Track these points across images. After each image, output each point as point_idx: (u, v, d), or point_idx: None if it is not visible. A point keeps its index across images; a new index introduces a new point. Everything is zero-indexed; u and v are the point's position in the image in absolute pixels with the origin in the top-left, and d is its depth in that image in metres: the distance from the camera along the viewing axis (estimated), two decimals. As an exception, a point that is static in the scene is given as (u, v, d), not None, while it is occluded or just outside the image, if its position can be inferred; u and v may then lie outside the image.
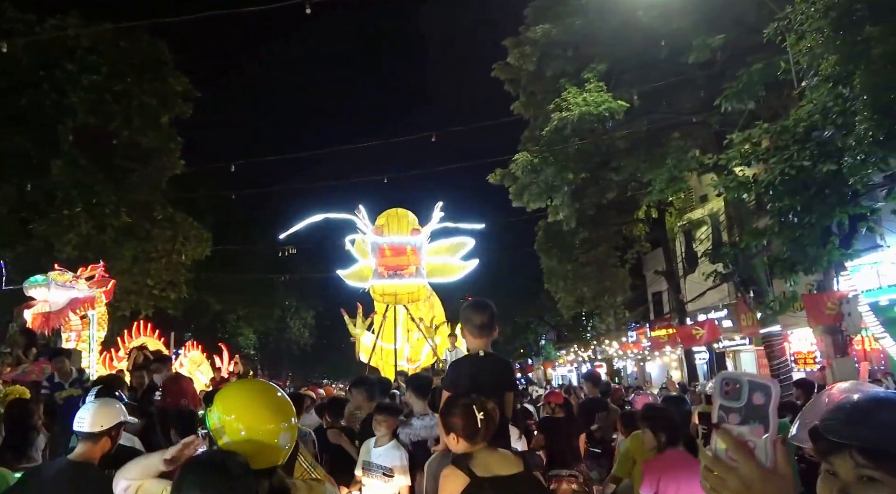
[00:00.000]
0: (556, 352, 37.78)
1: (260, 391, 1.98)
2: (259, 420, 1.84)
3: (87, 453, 2.99)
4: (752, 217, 14.16)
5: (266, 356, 43.31)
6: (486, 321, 3.47)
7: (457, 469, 2.52)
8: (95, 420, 3.01)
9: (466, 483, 2.47)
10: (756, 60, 11.12)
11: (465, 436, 2.69)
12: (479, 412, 2.71)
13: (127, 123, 16.77)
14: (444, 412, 2.80)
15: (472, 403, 2.76)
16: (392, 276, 14.16)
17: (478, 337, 3.48)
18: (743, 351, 20.91)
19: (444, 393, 3.54)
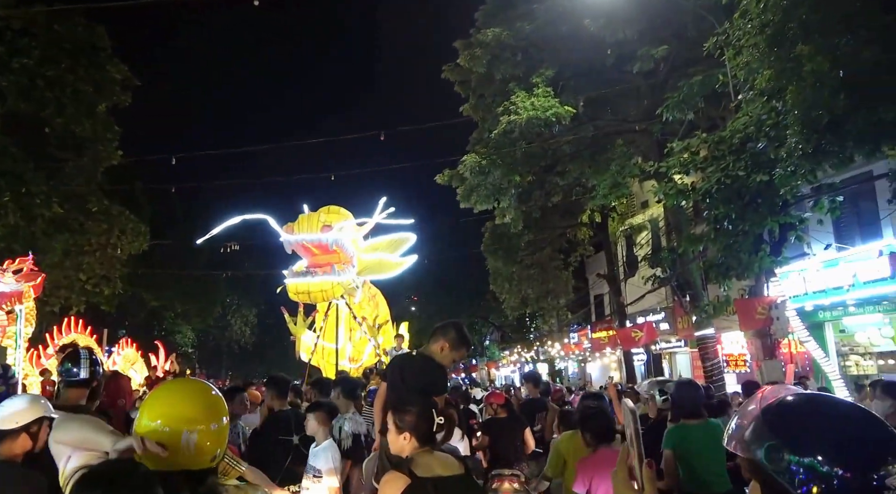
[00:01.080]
0: (499, 353, 38.14)
1: (189, 392, 1.90)
2: (186, 421, 1.77)
3: (5, 450, 2.85)
4: (690, 223, 14.64)
5: (205, 354, 42.23)
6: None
7: (397, 473, 2.50)
8: (12, 415, 2.88)
9: (407, 483, 2.44)
10: (696, 72, 11.54)
11: (419, 438, 2.63)
12: (438, 416, 2.67)
13: (60, 110, 16.01)
14: (398, 410, 2.71)
15: (432, 405, 2.72)
16: (305, 274, 13.85)
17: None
18: (678, 353, 21.59)
19: (382, 385, 3.56)
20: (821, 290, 12.16)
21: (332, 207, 14.47)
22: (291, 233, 13.69)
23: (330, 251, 13.77)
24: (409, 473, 2.47)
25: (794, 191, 8.99)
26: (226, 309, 39.79)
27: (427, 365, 3.53)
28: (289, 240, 13.68)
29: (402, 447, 2.65)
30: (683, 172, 10.51)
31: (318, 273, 13.73)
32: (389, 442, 2.75)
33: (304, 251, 13.92)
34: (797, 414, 1.24)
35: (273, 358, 42.94)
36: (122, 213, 18.58)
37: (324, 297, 14.11)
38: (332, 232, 13.52)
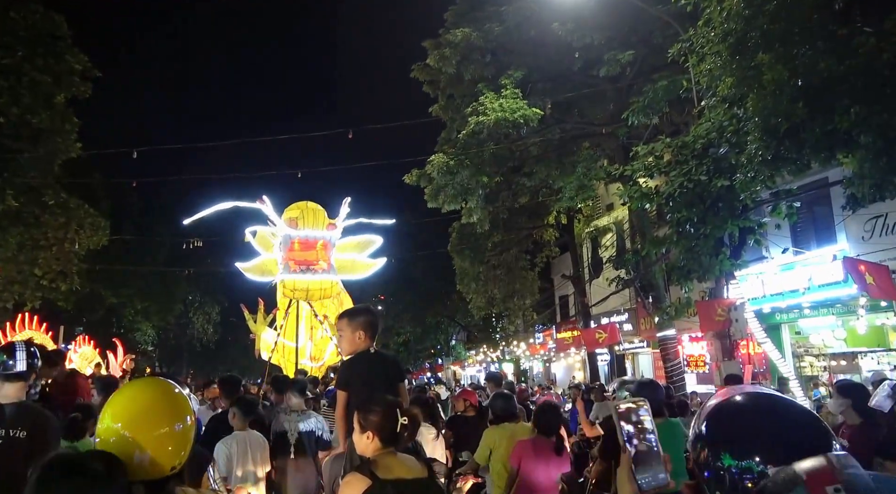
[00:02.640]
0: (466, 352, 38.25)
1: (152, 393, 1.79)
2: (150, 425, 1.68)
3: None
4: (654, 226, 14.88)
5: (165, 352, 41.37)
6: (379, 326, 3.85)
7: (358, 474, 2.48)
8: None
9: (367, 485, 2.42)
10: (661, 78, 11.75)
11: (383, 438, 2.61)
12: (402, 416, 2.65)
13: (16, 100, 15.48)
14: (363, 409, 2.69)
15: (397, 405, 2.70)
16: (304, 271, 13.79)
17: (371, 339, 3.74)
18: (641, 354, 21.93)
19: (340, 394, 3.56)
20: (778, 293, 12.50)
21: (311, 204, 14.44)
22: (295, 226, 13.67)
23: (311, 248, 13.77)
24: (370, 474, 2.45)
25: (753, 196, 9.22)
26: (187, 307, 39.03)
27: (367, 362, 3.63)
28: (290, 234, 13.63)
29: (366, 446, 2.64)
30: (648, 176, 10.68)
31: (318, 271, 13.74)
32: (355, 442, 2.74)
33: (288, 245, 13.89)
34: (726, 413, 1.29)
35: (235, 356, 42.31)
36: (80, 207, 18.08)
37: (320, 295, 14.19)
38: (335, 230, 13.61)
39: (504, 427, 5.17)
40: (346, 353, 3.80)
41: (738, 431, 1.24)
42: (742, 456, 1.19)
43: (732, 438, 1.23)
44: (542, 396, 10.33)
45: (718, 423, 1.28)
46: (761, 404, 1.28)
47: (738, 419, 1.27)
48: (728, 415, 1.28)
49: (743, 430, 1.23)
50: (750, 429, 1.22)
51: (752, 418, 1.25)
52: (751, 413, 1.26)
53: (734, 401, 1.31)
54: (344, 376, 3.65)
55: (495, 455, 5.00)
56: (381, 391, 3.00)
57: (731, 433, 1.24)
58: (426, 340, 39.34)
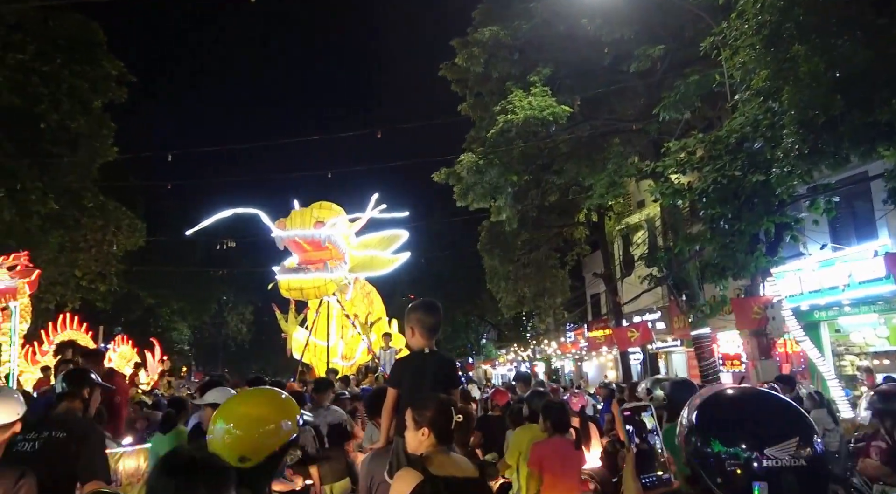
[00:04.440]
0: (496, 351, 38.16)
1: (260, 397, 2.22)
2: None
3: None
4: (686, 223, 14.64)
5: (201, 351, 42.15)
6: (437, 323, 3.57)
7: (411, 469, 2.49)
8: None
9: (419, 480, 2.43)
10: (693, 72, 11.54)
11: (437, 435, 2.61)
12: (456, 414, 2.66)
13: (55, 106, 15.94)
14: (418, 406, 2.71)
15: (451, 403, 2.72)
16: (297, 271, 13.75)
17: (427, 338, 3.55)
18: (674, 353, 21.61)
19: (390, 391, 3.54)
20: (816, 290, 12.19)
21: (325, 203, 14.40)
22: (284, 228, 13.61)
23: (322, 247, 13.69)
24: (422, 470, 2.46)
25: (790, 192, 9.00)
26: (222, 307, 39.72)
27: (421, 363, 3.52)
28: (280, 235, 13.60)
29: (420, 443, 2.64)
30: (680, 172, 10.52)
31: (311, 269, 13.63)
32: (407, 440, 2.73)
33: (296, 247, 13.85)
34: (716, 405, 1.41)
35: (269, 355, 42.90)
36: (117, 209, 18.55)
37: (316, 294, 14.00)
38: (324, 228, 13.43)
39: (531, 427, 5.14)
40: (409, 349, 3.76)
41: (725, 421, 1.35)
42: (729, 443, 1.29)
43: (721, 427, 1.33)
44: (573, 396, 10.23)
45: (708, 414, 1.38)
46: (746, 397, 1.41)
47: (726, 410, 1.38)
48: (717, 407, 1.40)
49: (730, 420, 1.34)
50: (736, 419, 1.34)
51: (739, 409, 1.37)
52: (737, 405, 1.39)
53: (723, 394, 1.44)
54: (395, 374, 3.63)
55: (524, 457, 4.94)
56: (431, 393, 2.94)
57: (720, 422, 1.35)
58: (456, 339, 39.38)
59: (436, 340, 3.62)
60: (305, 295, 14.03)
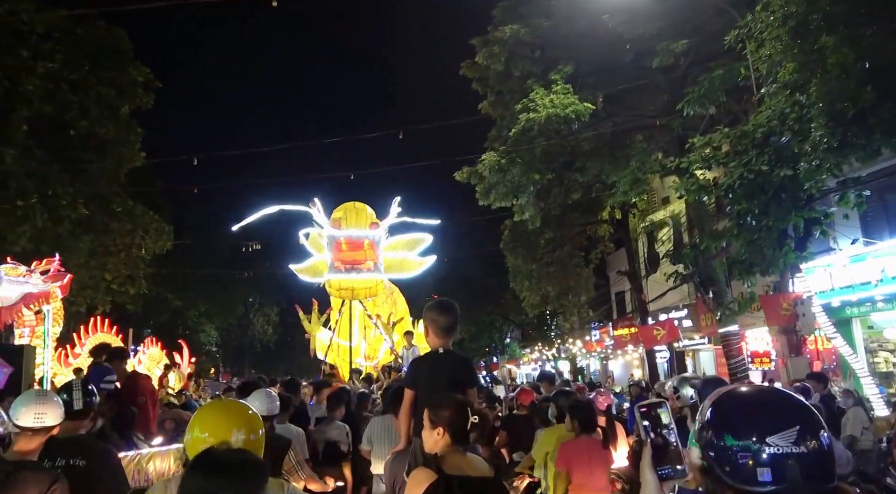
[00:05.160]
0: (520, 351, 38.03)
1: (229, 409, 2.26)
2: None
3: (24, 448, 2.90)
4: (712, 219, 14.45)
5: (228, 353, 42.68)
6: (451, 322, 3.56)
7: (425, 469, 2.50)
8: (39, 415, 2.92)
9: (433, 480, 2.44)
10: (717, 66, 11.38)
11: (453, 435, 2.62)
12: (472, 415, 2.66)
13: (84, 113, 16.25)
14: (434, 406, 2.72)
15: (468, 404, 2.73)
16: (349, 271, 13.93)
17: (441, 338, 3.55)
18: (702, 351, 21.35)
19: (407, 392, 3.55)
20: (848, 286, 11.92)
21: (359, 204, 14.58)
22: (339, 227, 13.84)
23: (358, 248, 13.90)
24: (436, 469, 2.47)
25: (819, 186, 8.83)
26: (248, 309, 40.17)
27: (436, 362, 3.53)
28: (334, 234, 13.82)
29: (436, 442, 2.65)
30: (705, 168, 10.39)
31: (363, 270, 13.91)
32: (423, 439, 2.75)
33: (335, 246, 14.06)
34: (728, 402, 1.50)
35: (295, 356, 43.29)
36: (145, 214, 18.86)
37: (367, 294, 14.32)
38: (378, 229, 13.71)
39: (558, 427, 5.12)
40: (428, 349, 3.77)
41: (736, 416, 1.43)
42: (739, 437, 1.38)
43: (732, 422, 1.42)
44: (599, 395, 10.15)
45: (721, 411, 1.48)
46: (757, 394, 1.52)
47: (738, 407, 1.47)
48: (729, 404, 1.49)
49: (740, 415, 1.43)
50: (746, 414, 1.43)
51: (749, 405, 1.46)
52: (748, 401, 1.48)
53: (735, 392, 1.54)
54: (411, 375, 3.65)
55: (551, 457, 4.92)
56: (447, 392, 2.95)
57: (732, 418, 1.44)
58: (480, 339, 39.33)
59: (460, 339, 3.63)
60: (356, 295, 14.32)
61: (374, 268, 13.91)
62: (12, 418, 2.94)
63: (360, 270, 13.92)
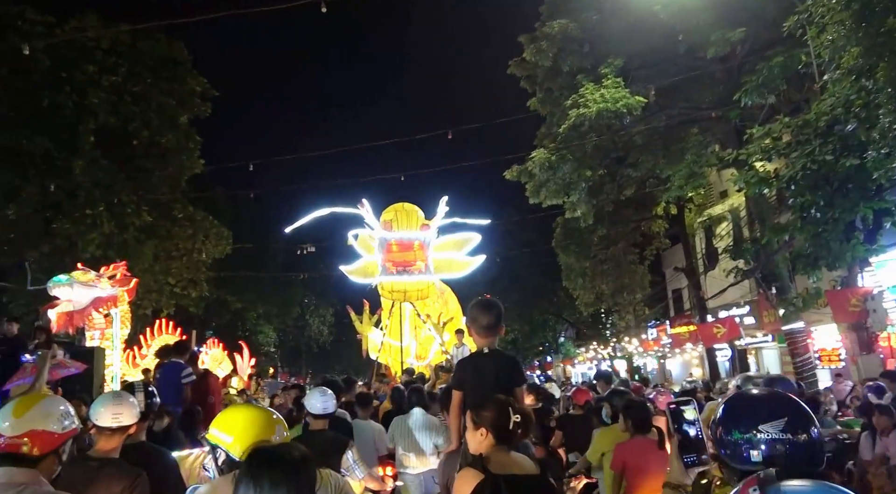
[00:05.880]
0: (575, 350, 37.59)
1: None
2: None
3: (106, 447, 3.01)
4: (774, 212, 13.98)
5: (285, 353, 43.60)
6: (491, 321, 3.51)
7: (471, 469, 2.51)
8: (116, 415, 3.03)
9: (479, 479, 2.44)
10: (776, 54, 10.96)
11: (496, 434, 2.63)
12: (514, 414, 2.67)
13: (146, 124, 16.92)
14: (477, 406, 2.75)
15: (509, 403, 2.73)
16: (401, 273, 14.04)
17: (483, 337, 3.53)
18: (765, 349, 20.66)
19: (454, 393, 3.55)
20: (922, 280, 11.33)
21: (408, 205, 14.69)
22: (390, 229, 14.00)
23: (409, 249, 14.00)
24: (482, 469, 2.47)
25: (888, 175, 8.40)
26: (304, 310, 40.95)
27: (480, 362, 3.51)
28: (385, 236, 13.99)
29: (480, 443, 2.66)
30: (765, 159, 10.05)
31: (414, 271, 14.04)
32: (468, 440, 2.77)
33: (386, 248, 14.20)
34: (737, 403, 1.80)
35: (350, 356, 43.90)
36: (205, 219, 19.49)
37: (418, 296, 14.42)
38: (429, 230, 13.80)
39: (613, 428, 5.03)
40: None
41: (740, 413, 1.71)
42: (742, 430, 1.65)
43: (737, 418, 1.69)
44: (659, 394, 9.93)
45: (729, 410, 1.75)
46: (761, 396, 1.79)
47: (741, 406, 1.76)
48: (736, 404, 1.77)
49: (743, 412, 1.71)
50: (747, 410, 1.70)
51: (752, 405, 1.73)
52: (751, 402, 1.76)
53: (741, 395, 1.83)
54: (457, 376, 3.65)
55: (607, 458, 4.85)
56: (493, 392, 2.95)
57: (736, 415, 1.71)
58: (534, 338, 39.04)
59: (513, 339, 3.61)
60: (408, 297, 14.46)
61: (424, 270, 13.98)
62: (92, 418, 3.06)
63: (412, 272, 14.01)
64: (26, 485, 2.08)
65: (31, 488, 2.08)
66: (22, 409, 2.20)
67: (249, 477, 1.75)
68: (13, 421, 2.16)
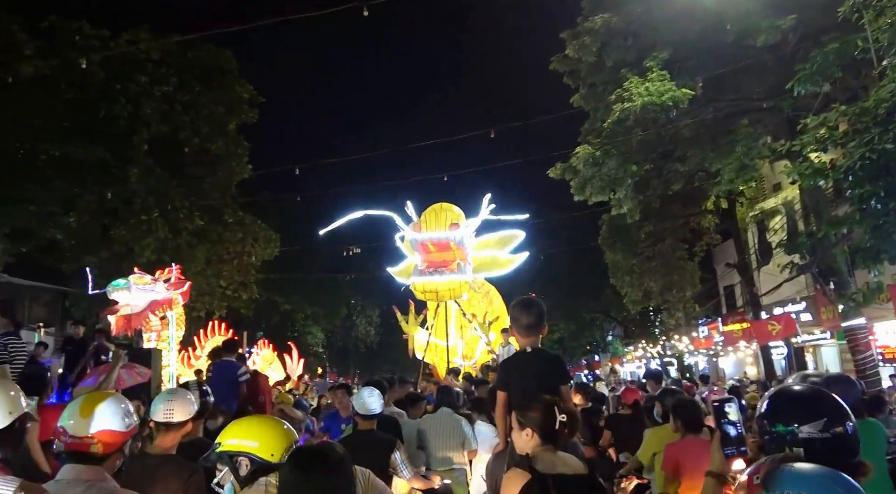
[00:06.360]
0: (623, 348, 37.01)
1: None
2: None
3: (163, 444, 3.12)
4: (830, 204, 13.49)
5: (333, 354, 44.21)
6: (532, 321, 3.48)
7: (518, 469, 2.50)
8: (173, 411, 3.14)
9: (527, 479, 2.43)
10: (830, 40, 10.54)
11: (542, 435, 2.63)
12: (560, 414, 2.66)
13: (196, 131, 17.42)
14: (522, 407, 2.75)
15: (554, 403, 2.73)
16: (432, 273, 14.01)
17: (525, 336, 3.51)
18: (824, 346, 19.96)
19: (499, 394, 3.53)
20: None
21: (445, 205, 14.66)
22: (418, 231, 14.01)
23: (447, 249, 13.94)
24: (529, 469, 2.46)
25: (954, 163, 8.01)
26: (351, 310, 41.46)
27: (523, 362, 3.48)
28: (416, 237, 14.01)
29: (526, 443, 2.65)
30: (820, 150, 9.69)
31: (446, 271, 13.98)
32: (514, 441, 2.76)
33: (422, 249, 14.19)
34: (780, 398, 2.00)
35: (397, 356, 44.26)
36: (254, 223, 19.95)
37: (451, 295, 14.35)
38: (459, 229, 13.73)
39: (664, 428, 4.94)
40: None
41: (783, 410, 1.91)
42: (785, 425, 1.85)
43: (780, 414, 1.89)
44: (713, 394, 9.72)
45: (773, 406, 1.96)
46: (800, 392, 2.01)
47: (784, 403, 1.95)
48: (779, 400, 1.98)
49: (786, 409, 1.90)
50: (789, 409, 1.90)
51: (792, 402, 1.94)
52: (791, 398, 1.97)
53: (783, 391, 2.05)
54: (501, 377, 3.63)
55: (658, 459, 4.75)
56: (537, 392, 2.93)
57: (779, 411, 1.91)
58: (581, 337, 38.59)
59: (559, 338, 3.57)
60: (440, 297, 14.42)
61: (457, 269, 13.86)
62: (151, 415, 3.19)
63: (443, 272, 13.93)
64: (92, 482, 2.16)
65: (97, 485, 2.17)
66: (88, 409, 2.28)
67: (300, 473, 1.79)
68: (81, 421, 2.25)
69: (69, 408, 2.32)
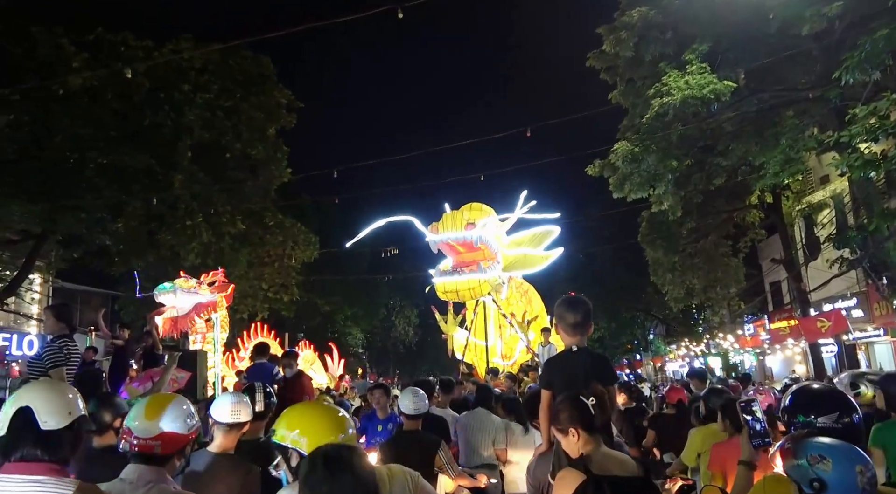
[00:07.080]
0: (665, 347, 36.38)
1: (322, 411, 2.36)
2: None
3: (224, 443, 3.18)
4: (882, 196, 13.03)
5: (373, 354, 44.59)
6: (579, 319, 3.44)
7: (572, 469, 2.48)
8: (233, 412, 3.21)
9: (581, 480, 2.41)
10: (879, 27, 10.16)
11: (584, 426, 2.64)
12: (588, 398, 2.69)
13: (237, 137, 17.77)
14: (557, 409, 2.75)
15: (579, 393, 2.75)
16: (451, 273, 14.00)
17: (571, 335, 3.46)
18: (877, 343, 19.25)
19: (543, 393, 3.50)
20: None
21: (475, 204, 14.64)
22: (436, 232, 14.04)
23: (475, 248, 13.94)
24: (584, 470, 2.44)
25: None
26: (389, 311, 41.75)
27: (568, 362, 3.43)
28: (434, 239, 14.04)
29: (576, 445, 2.64)
30: (871, 140, 9.38)
31: (465, 271, 13.96)
32: (565, 449, 2.75)
33: (450, 250, 14.20)
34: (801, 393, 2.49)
35: (436, 356, 44.37)
36: (294, 226, 20.25)
37: (472, 295, 14.31)
38: (475, 229, 13.69)
39: (709, 427, 4.83)
40: None
41: (804, 404, 2.37)
42: (806, 416, 2.31)
43: (802, 407, 2.36)
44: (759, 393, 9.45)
45: (797, 400, 2.42)
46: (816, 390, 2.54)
47: (805, 398, 2.43)
48: (801, 396, 2.44)
49: (807, 403, 2.37)
50: (809, 403, 2.37)
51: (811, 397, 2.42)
52: (811, 395, 2.46)
53: (804, 389, 2.54)
54: (545, 376, 3.60)
55: (703, 459, 4.65)
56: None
57: (802, 405, 2.38)
58: (622, 335, 38.10)
59: (600, 337, 3.53)
60: (461, 297, 14.39)
61: (477, 269, 13.82)
62: (211, 414, 3.26)
63: (462, 272, 13.93)
64: (154, 483, 2.22)
65: (159, 486, 2.23)
66: (153, 412, 2.35)
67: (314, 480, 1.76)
68: (146, 423, 2.32)
69: (135, 410, 2.39)
